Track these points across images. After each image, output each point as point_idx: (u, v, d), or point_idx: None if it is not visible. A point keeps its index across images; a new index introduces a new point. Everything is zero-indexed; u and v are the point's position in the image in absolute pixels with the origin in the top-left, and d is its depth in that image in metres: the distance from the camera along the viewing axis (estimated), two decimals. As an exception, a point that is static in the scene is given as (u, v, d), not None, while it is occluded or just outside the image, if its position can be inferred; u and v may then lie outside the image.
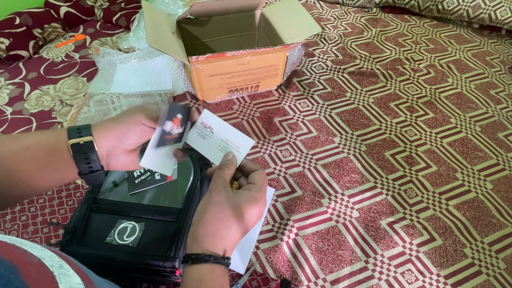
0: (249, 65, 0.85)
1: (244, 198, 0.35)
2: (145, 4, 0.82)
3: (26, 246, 0.23)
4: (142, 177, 0.61)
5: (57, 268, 0.23)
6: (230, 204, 0.35)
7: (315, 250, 0.64)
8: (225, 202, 0.35)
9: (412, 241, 0.67)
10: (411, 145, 0.85)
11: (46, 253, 0.24)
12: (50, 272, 0.22)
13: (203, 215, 0.35)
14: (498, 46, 1.21)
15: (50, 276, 0.22)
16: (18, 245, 0.23)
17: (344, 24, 1.27)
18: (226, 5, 0.89)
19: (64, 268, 0.24)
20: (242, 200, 0.35)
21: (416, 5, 1.29)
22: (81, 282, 0.24)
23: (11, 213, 0.69)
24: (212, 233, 0.34)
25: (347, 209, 0.71)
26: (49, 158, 0.36)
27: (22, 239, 0.24)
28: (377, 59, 1.11)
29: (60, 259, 0.24)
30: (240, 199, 0.35)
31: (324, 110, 0.93)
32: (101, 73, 1.01)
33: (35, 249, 0.24)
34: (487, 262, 0.64)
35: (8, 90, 0.96)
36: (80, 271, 0.25)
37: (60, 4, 1.18)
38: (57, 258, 0.24)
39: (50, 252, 0.25)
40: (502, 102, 0.98)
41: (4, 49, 1.01)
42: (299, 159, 0.80)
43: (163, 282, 0.59)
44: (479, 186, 0.77)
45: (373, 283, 0.61)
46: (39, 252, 0.24)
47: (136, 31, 1.08)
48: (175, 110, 0.39)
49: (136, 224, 0.55)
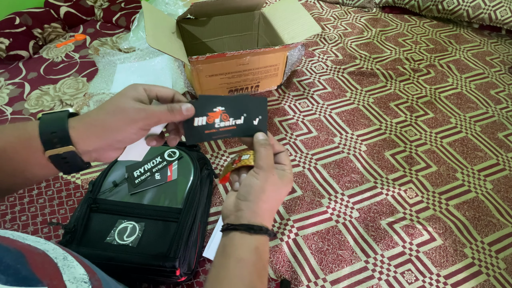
0: (249, 65, 0.85)
1: (287, 180, 0.39)
2: (145, 4, 0.82)
3: (29, 241, 0.24)
4: (142, 177, 0.61)
5: (61, 260, 0.23)
6: (282, 184, 0.39)
7: (315, 250, 0.64)
8: (279, 183, 0.38)
9: (412, 241, 0.67)
10: (411, 145, 0.85)
11: (50, 246, 0.24)
12: (54, 263, 0.23)
13: (263, 194, 0.37)
14: (498, 46, 1.21)
15: (54, 266, 0.22)
16: (21, 240, 0.23)
17: (344, 24, 1.27)
18: (226, 5, 0.89)
19: (68, 259, 0.24)
20: (285, 181, 0.39)
21: (416, 5, 1.29)
22: (85, 273, 0.24)
23: (11, 213, 0.69)
24: (268, 211, 0.38)
25: (347, 209, 0.71)
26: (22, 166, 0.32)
27: (25, 234, 0.25)
28: (377, 59, 1.11)
29: (64, 251, 0.25)
30: (284, 180, 0.39)
31: (324, 110, 0.93)
32: (101, 73, 1.01)
33: (38, 243, 0.24)
34: (487, 262, 0.64)
35: (8, 90, 0.96)
36: (84, 263, 0.26)
37: (60, 4, 1.18)
38: (61, 251, 0.25)
39: (54, 245, 0.25)
40: (502, 102, 0.98)
41: (4, 49, 1.01)
42: (299, 159, 0.80)
43: (163, 282, 0.59)
44: (479, 186, 0.77)
45: (373, 283, 0.61)
46: (43, 246, 0.24)
47: (136, 31, 1.08)
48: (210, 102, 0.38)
49: (136, 224, 0.55)
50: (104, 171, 0.62)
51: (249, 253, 0.35)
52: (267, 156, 0.39)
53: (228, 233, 0.36)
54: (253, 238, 0.35)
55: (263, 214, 0.37)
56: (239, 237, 0.36)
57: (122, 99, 0.34)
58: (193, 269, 0.58)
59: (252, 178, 0.37)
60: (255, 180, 0.37)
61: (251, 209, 0.37)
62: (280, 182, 0.38)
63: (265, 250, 0.37)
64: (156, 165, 0.63)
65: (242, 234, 0.36)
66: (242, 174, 0.40)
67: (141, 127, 0.34)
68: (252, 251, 0.35)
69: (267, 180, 0.37)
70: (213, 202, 0.71)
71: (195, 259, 0.59)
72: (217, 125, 0.40)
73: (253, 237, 0.35)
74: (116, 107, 0.33)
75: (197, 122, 0.39)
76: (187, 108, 0.36)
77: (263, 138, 0.40)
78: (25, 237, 0.24)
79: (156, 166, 0.63)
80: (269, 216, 0.38)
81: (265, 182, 0.37)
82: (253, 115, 0.41)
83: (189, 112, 0.37)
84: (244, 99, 0.41)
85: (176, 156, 0.64)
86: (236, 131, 0.41)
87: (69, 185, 0.73)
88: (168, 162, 0.64)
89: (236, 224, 0.36)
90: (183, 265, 0.53)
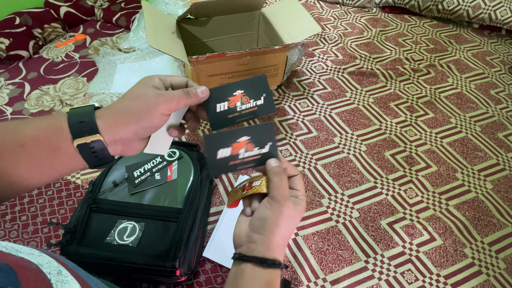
0: (249, 65, 0.85)
1: (301, 208, 0.38)
2: (145, 4, 0.82)
3: (23, 253, 0.23)
4: (142, 177, 0.61)
5: (55, 275, 0.23)
6: (296, 214, 0.38)
7: (315, 250, 0.64)
8: (293, 215, 0.37)
9: (412, 241, 0.67)
10: (411, 145, 0.85)
11: (44, 259, 0.24)
12: (48, 280, 0.22)
13: (277, 228, 0.36)
14: (498, 46, 1.21)
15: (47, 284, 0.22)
16: (14, 253, 0.22)
17: (344, 24, 1.27)
18: (226, 5, 0.89)
19: (62, 274, 0.23)
20: (299, 209, 0.38)
21: (416, 5, 1.29)
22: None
23: (11, 213, 0.68)
24: (282, 245, 0.37)
25: (347, 209, 0.71)
26: (52, 155, 0.33)
27: (19, 246, 0.24)
28: (377, 59, 1.11)
29: (59, 264, 0.24)
30: (298, 209, 0.38)
31: (324, 110, 0.93)
32: (101, 73, 1.01)
33: (33, 256, 0.23)
34: (487, 262, 0.64)
35: (8, 90, 0.96)
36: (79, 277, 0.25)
37: (60, 4, 1.18)
38: (56, 264, 0.24)
39: (48, 258, 0.24)
40: (502, 102, 0.98)
41: (4, 49, 1.01)
42: (299, 159, 0.80)
43: (163, 282, 0.59)
44: (479, 186, 0.77)
45: (373, 283, 0.61)
46: (37, 259, 0.23)
47: (136, 31, 1.08)
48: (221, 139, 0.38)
49: (136, 224, 0.55)
50: (104, 171, 0.62)
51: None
52: (282, 186, 0.37)
53: (240, 263, 0.36)
54: (266, 272, 0.35)
55: (276, 248, 0.36)
56: (251, 269, 0.35)
57: (142, 87, 0.36)
58: (193, 269, 0.58)
59: (267, 210, 0.37)
60: (270, 213, 0.36)
61: (265, 243, 0.36)
62: (294, 212, 0.37)
63: (276, 285, 0.36)
64: (156, 165, 0.63)
65: (254, 266, 0.35)
66: (254, 201, 0.40)
67: (162, 111, 0.35)
68: (263, 286, 0.35)
69: (282, 213, 0.36)
70: (213, 202, 0.71)
71: (195, 259, 0.59)
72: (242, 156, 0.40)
73: (266, 271, 0.35)
74: (138, 93, 0.35)
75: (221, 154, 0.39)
76: (202, 90, 0.37)
77: (276, 165, 0.39)
78: (19, 249, 0.23)
79: (156, 166, 0.63)
80: (282, 249, 0.38)
81: (279, 216, 0.36)
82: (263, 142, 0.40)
83: (204, 94, 0.38)
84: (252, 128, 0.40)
85: (176, 156, 0.64)
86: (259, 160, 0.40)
87: (69, 185, 0.73)
88: (168, 162, 0.64)
89: (249, 255, 0.35)
90: (183, 265, 0.53)
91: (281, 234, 0.37)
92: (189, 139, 0.84)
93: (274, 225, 0.36)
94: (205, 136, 0.38)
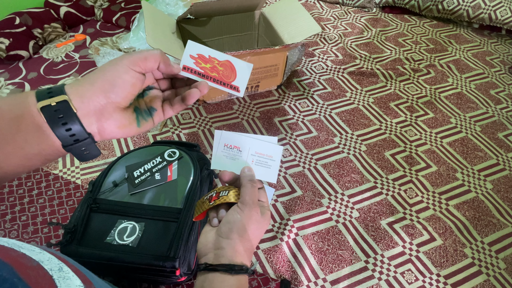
0: (249, 65, 0.85)
1: (267, 216, 0.40)
2: (145, 4, 0.82)
3: (24, 249, 0.23)
4: (142, 177, 0.61)
5: (56, 271, 0.23)
6: (263, 221, 0.39)
7: (315, 250, 0.64)
8: (261, 221, 0.39)
9: (412, 241, 0.67)
10: (411, 145, 0.85)
11: (45, 256, 0.24)
12: (49, 275, 0.22)
13: (246, 232, 0.37)
14: (498, 46, 1.21)
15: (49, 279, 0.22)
16: (16, 249, 0.23)
17: (344, 24, 1.27)
18: (226, 5, 0.89)
19: (63, 270, 0.23)
20: (266, 217, 0.40)
21: (416, 5, 1.29)
22: (81, 284, 0.24)
23: (11, 213, 0.69)
24: (250, 249, 0.38)
25: (347, 209, 0.71)
26: (14, 127, 0.29)
27: (20, 242, 0.24)
28: (377, 59, 1.11)
29: (59, 261, 0.24)
30: (265, 217, 0.39)
31: (324, 110, 0.93)
32: (101, 73, 1.01)
33: (33, 252, 0.23)
34: (487, 262, 0.64)
35: (8, 90, 0.96)
36: (80, 273, 0.25)
37: (60, 4, 1.18)
38: (56, 261, 0.24)
39: (49, 255, 0.24)
40: (502, 102, 0.98)
41: (4, 49, 1.01)
42: (299, 159, 0.80)
43: (163, 282, 0.59)
44: (479, 186, 0.77)
45: (373, 283, 0.61)
46: (38, 255, 0.23)
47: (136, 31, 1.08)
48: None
49: (136, 224, 0.55)
50: (104, 171, 0.62)
51: None
52: (254, 192, 0.39)
53: (207, 273, 0.35)
54: (234, 279, 0.35)
55: (244, 253, 0.37)
56: (219, 278, 0.35)
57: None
58: (193, 269, 0.58)
59: (235, 214, 0.37)
60: (238, 217, 0.37)
61: (233, 247, 0.36)
62: (262, 219, 0.39)
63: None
64: (156, 165, 0.63)
65: (222, 275, 0.35)
66: (220, 210, 0.40)
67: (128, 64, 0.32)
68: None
69: (251, 217, 0.37)
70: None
71: (195, 259, 0.59)
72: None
73: (234, 277, 0.35)
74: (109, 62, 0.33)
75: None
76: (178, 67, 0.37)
77: (250, 173, 0.40)
78: (21, 246, 0.23)
79: (156, 166, 0.63)
80: (249, 254, 0.38)
81: (249, 219, 0.37)
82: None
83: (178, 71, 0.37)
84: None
85: (176, 156, 0.64)
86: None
87: (69, 185, 0.73)
88: (168, 162, 0.64)
89: (215, 264, 0.35)
90: (183, 265, 0.53)
91: (249, 237, 0.37)
92: (189, 139, 0.84)
93: (243, 229, 0.37)
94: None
